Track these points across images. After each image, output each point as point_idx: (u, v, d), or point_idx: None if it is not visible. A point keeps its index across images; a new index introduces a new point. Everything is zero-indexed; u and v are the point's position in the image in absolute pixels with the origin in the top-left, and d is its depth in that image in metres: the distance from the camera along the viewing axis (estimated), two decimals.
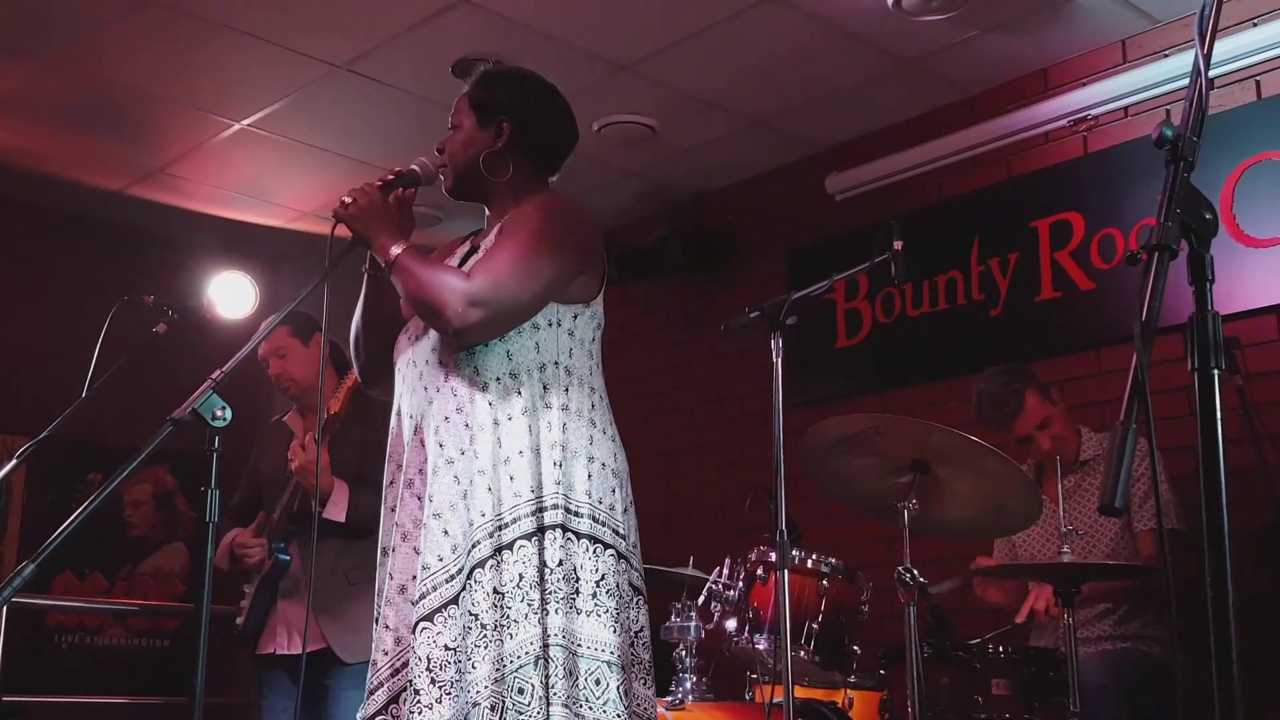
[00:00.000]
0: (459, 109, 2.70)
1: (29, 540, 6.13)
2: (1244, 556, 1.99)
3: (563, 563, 2.36)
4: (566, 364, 2.50)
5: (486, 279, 2.40)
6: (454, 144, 2.67)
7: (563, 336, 2.51)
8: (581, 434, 2.48)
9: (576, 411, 2.49)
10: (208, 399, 2.21)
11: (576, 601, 2.36)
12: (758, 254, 5.88)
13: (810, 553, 3.60)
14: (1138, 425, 1.31)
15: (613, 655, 2.36)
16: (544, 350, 2.48)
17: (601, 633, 2.37)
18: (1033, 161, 4.91)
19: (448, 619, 2.30)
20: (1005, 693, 3.30)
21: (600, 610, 2.38)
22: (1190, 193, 1.45)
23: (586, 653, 2.35)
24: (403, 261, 2.45)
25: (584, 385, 2.52)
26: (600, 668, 2.35)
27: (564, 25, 4.62)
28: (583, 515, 2.42)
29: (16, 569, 2.00)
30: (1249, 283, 4.10)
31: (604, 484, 2.49)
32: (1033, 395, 3.85)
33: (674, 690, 3.49)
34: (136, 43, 4.82)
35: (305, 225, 6.55)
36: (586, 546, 2.41)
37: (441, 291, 2.38)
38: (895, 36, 4.68)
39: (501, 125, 2.64)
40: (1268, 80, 4.25)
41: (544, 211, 2.55)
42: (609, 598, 2.40)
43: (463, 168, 2.66)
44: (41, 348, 6.00)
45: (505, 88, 2.70)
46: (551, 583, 2.34)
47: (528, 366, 2.46)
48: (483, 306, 2.38)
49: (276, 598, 3.87)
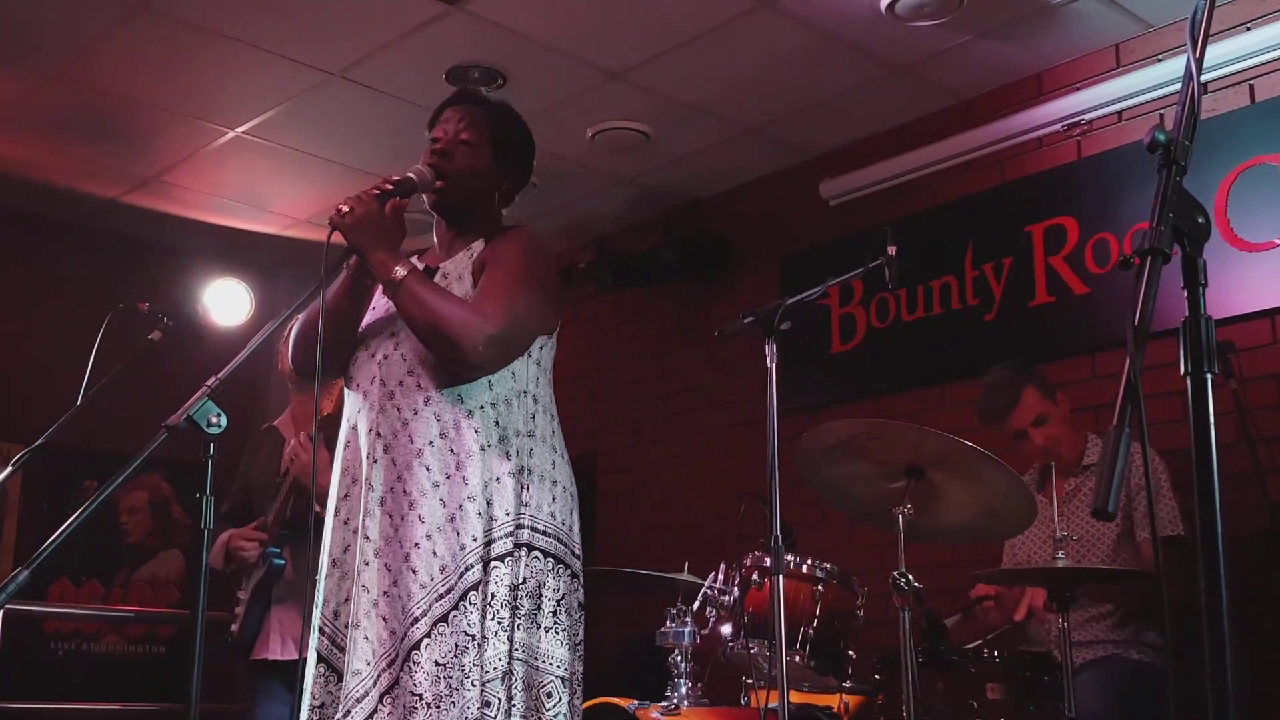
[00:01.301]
0: (474, 131, 2.71)
1: (25, 548, 6.12)
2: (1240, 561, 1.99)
3: (527, 580, 2.46)
4: (534, 392, 2.60)
5: (502, 319, 2.47)
6: (474, 164, 2.70)
7: (532, 366, 2.61)
8: (545, 458, 2.58)
9: (541, 437, 2.59)
10: (203, 406, 2.21)
11: (538, 618, 2.46)
12: (752, 259, 5.88)
13: (805, 558, 3.60)
14: (1131, 429, 1.31)
15: (565, 671, 2.47)
16: (519, 379, 2.57)
17: (558, 649, 2.47)
18: (1026, 166, 4.92)
19: (440, 636, 2.36)
20: (999, 697, 3.31)
21: (559, 628, 2.48)
22: (1183, 197, 1.45)
23: (543, 667, 2.45)
24: (412, 287, 2.46)
25: (546, 412, 2.63)
26: (554, 682, 2.45)
27: (558, 32, 4.63)
28: (550, 535, 2.52)
29: (11, 575, 2.00)
30: (1243, 287, 4.11)
31: (565, 506, 2.59)
32: (1031, 391, 3.87)
33: (669, 695, 3.49)
34: (130, 51, 4.82)
35: (300, 232, 6.55)
36: (551, 565, 2.51)
37: (462, 329, 2.43)
38: (888, 42, 4.69)
39: (512, 170, 2.76)
40: (1261, 84, 4.25)
41: (530, 249, 2.64)
42: (566, 616, 2.51)
43: (475, 192, 2.71)
44: (37, 355, 6.00)
45: (524, 138, 2.82)
46: (517, 600, 2.43)
47: (505, 396, 2.54)
48: (499, 346, 2.48)
49: (271, 603, 3.86)
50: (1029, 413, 3.85)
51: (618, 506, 6.12)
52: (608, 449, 6.27)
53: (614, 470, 6.22)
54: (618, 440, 6.28)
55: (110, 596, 6.55)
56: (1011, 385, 3.88)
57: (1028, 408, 3.85)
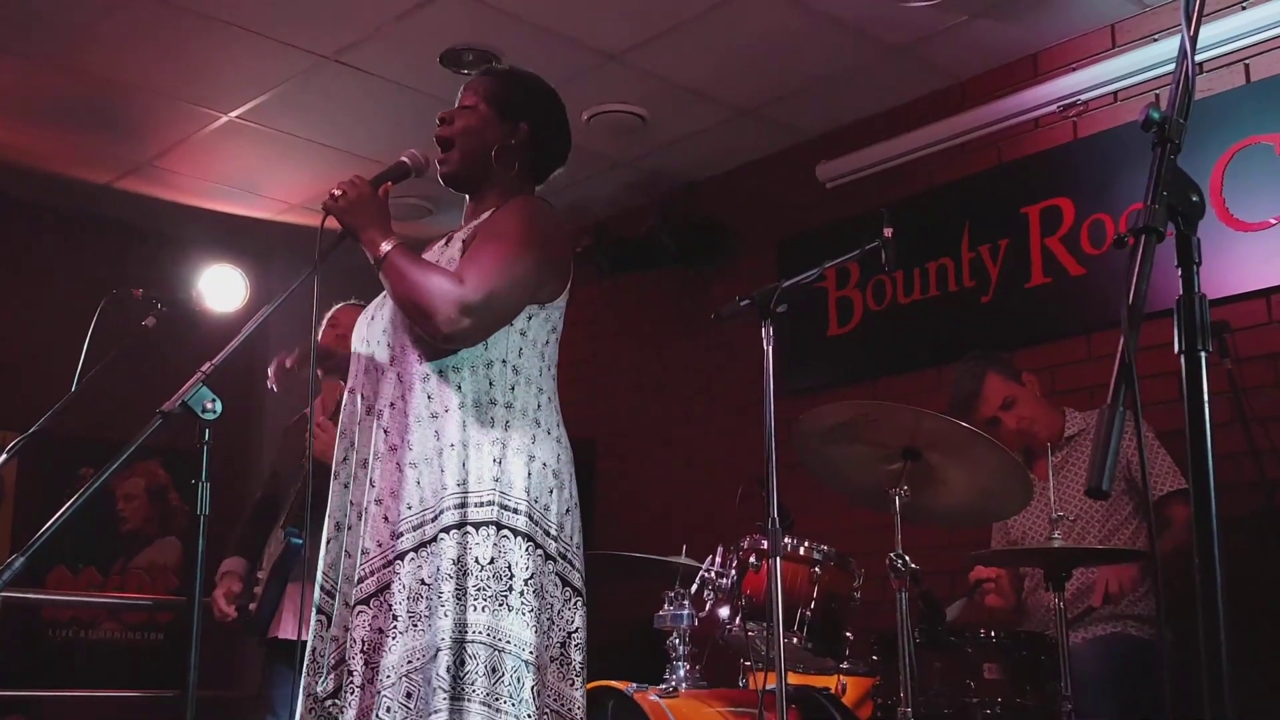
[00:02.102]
0: (472, 95, 2.70)
1: (21, 535, 6.12)
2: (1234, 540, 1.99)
3: (494, 560, 2.35)
4: (515, 363, 2.50)
5: (479, 285, 2.40)
6: (469, 123, 2.67)
7: (514, 335, 2.51)
8: (524, 433, 2.47)
9: (521, 410, 2.48)
10: (197, 391, 2.21)
11: (509, 599, 2.34)
12: (749, 243, 5.88)
13: (802, 540, 3.60)
14: (1125, 408, 1.31)
15: (531, 655, 2.33)
16: (492, 348, 2.48)
17: (524, 632, 2.34)
18: (1022, 147, 4.91)
19: (380, 604, 2.37)
20: (997, 677, 3.31)
21: (525, 609, 2.35)
22: (1177, 175, 1.45)
23: (512, 650, 2.33)
24: (393, 259, 2.44)
25: (531, 385, 2.52)
26: (520, 666, 2.33)
27: (553, 15, 4.62)
28: (520, 513, 2.40)
29: (6, 562, 2.00)
30: (1239, 267, 4.11)
31: (543, 484, 2.46)
32: (994, 377, 3.90)
33: (667, 678, 3.50)
34: (123, 36, 4.81)
35: (295, 217, 6.54)
36: (521, 544, 2.38)
37: (433, 296, 2.38)
38: (884, 23, 4.68)
39: (519, 126, 2.67)
40: (1257, 64, 4.25)
41: (526, 215, 2.55)
42: (535, 597, 2.37)
43: (472, 151, 2.66)
44: (31, 342, 5.99)
45: (529, 94, 2.74)
46: (480, 579, 2.33)
47: (472, 362, 2.46)
48: (474, 314, 2.39)
49: (288, 582, 3.88)
50: (995, 397, 3.90)
51: (615, 490, 6.12)
52: (605, 433, 6.27)
53: (611, 454, 6.22)
54: (615, 424, 6.28)
55: (108, 584, 6.56)
56: (973, 375, 3.93)
57: (993, 392, 3.91)
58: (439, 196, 5.94)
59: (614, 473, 6.17)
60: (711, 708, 3.35)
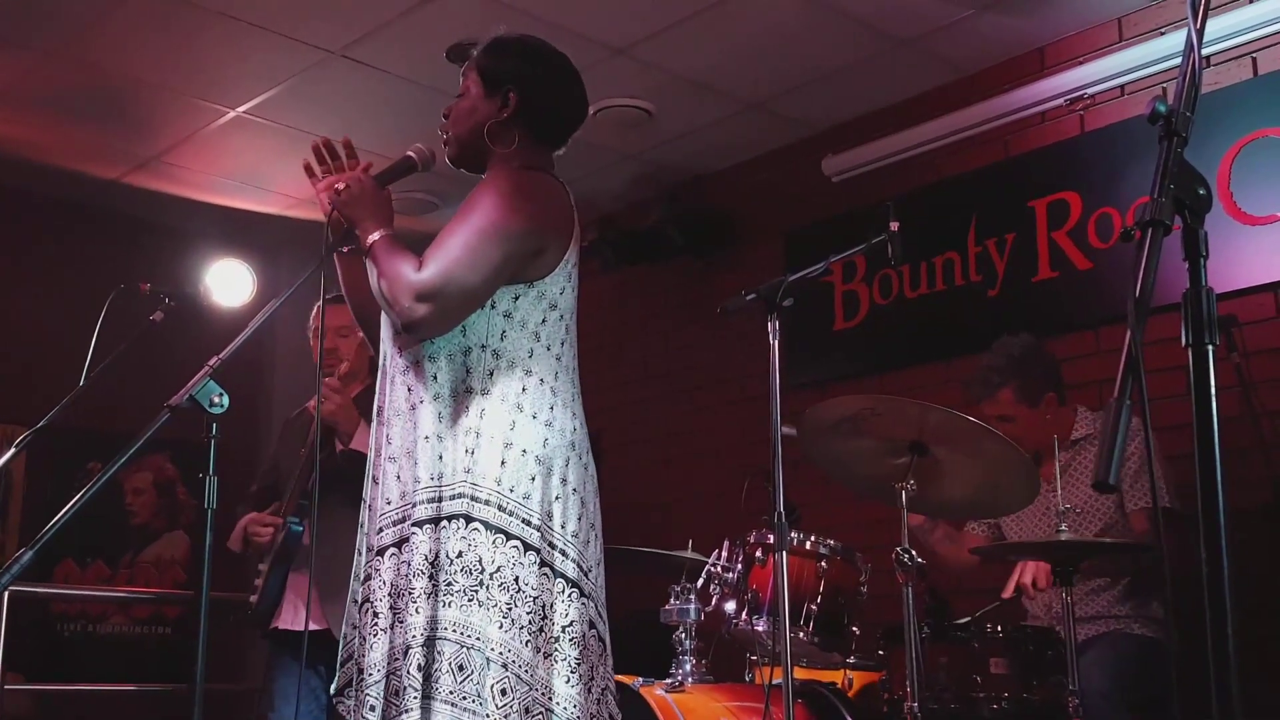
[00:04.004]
0: (465, 77, 2.66)
1: (29, 529, 6.14)
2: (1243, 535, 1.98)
3: (463, 554, 2.29)
4: (495, 347, 2.41)
5: (435, 270, 2.33)
6: (459, 111, 2.64)
7: (495, 318, 2.42)
8: (501, 419, 2.37)
9: (499, 396, 2.39)
10: (205, 385, 2.21)
11: (479, 594, 2.27)
12: (756, 236, 5.87)
13: (809, 534, 3.60)
14: (1132, 402, 1.31)
15: (496, 651, 2.25)
16: (470, 333, 2.41)
17: (489, 628, 2.26)
18: (1030, 141, 4.90)
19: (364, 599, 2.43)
20: (1003, 671, 3.31)
21: (490, 604, 2.26)
22: (1184, 168, 1.45)
23: (479, 646, 2.25)
24: (374, 250, 2.42)
25: (514, 369, 2.42)
26: (485, 663, 2.24)
27: (559, 9, 4.61)
28: (490, 505, 2.32)
29: (15, 556, 2.01)
30: (1247, 261, 4.10)
31: (521, 471, 2.35)
32: (1007, 393, 3.84)
33: (674, 673, 3.50)
34: (131, 31, 4.81)
35: (302, 212, 6.54)
36: (489, 536, 2.30)
37: (394, 285, 2.34)
38: (891, 16, 4.67)
39: (508, 95, 2.57)
40: (1264, 57, 4.23)
41: (494, 190, 2.45)
42: (501, 591, 2.28)
43: (465, 136, 2.62)
44: (39, 337, 6.00)
45: (513, 57, 2.63)
46: (450, 574, 2.28)
47: (449, 351, 2.41)
48: (430, 301, 2.32)
49: (289, 572, 3.86)
50: (998, 410, 3.85)
51: (621, 484, 6.11)
52: (611, 426, 6.27)
53: (617, 447, 6.22)
54: (621, 417, 6.27)
55: (116, 578, 6.58)
56: (990, 383, 3.86)
57: (999, 405, 3.85)
58: (444, 191, 5.94)
59: (619, 465, 6.16)
60: (718, 702, 3.35)
